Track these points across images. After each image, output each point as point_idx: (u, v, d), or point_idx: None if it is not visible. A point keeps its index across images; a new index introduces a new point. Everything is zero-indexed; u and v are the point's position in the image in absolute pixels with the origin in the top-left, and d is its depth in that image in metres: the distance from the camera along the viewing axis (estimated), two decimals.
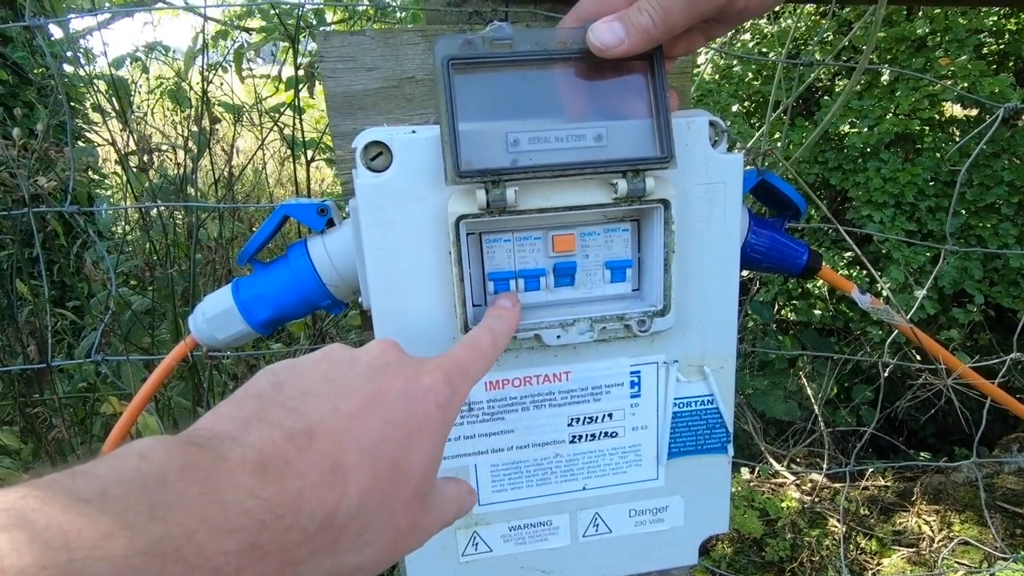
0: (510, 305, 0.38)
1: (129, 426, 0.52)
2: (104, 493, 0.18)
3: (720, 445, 0.46)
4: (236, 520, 0.19)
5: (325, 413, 0.24)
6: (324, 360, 0.28)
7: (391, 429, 0.25)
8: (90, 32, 1.41)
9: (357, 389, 0.26)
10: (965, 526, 1.62)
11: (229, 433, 0.22)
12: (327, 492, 0.22)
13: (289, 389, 0.25)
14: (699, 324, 0.43)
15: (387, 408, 0.26)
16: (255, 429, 0.23)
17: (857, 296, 0.54)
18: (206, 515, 0.19)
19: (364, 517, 0.23)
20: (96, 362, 0.58)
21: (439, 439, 0.27)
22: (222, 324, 0.46)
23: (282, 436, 0.23)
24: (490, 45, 0.36)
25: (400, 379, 0.27)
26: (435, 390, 0.28)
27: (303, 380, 0.26)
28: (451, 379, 0.29)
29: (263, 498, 0.20)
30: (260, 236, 0.46)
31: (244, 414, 0.24)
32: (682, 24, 0.34)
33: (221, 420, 0.23)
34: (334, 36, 0.49)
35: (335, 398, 0.25)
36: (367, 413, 0.25)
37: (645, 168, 0.37)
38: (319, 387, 0.26)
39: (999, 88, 1.85)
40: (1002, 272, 1.96)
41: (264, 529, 0.20)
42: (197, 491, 0.19)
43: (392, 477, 0.25)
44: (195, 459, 0.20)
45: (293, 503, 0.21)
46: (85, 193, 1.48)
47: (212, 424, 0.23)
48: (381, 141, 0.38)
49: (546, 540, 0.46)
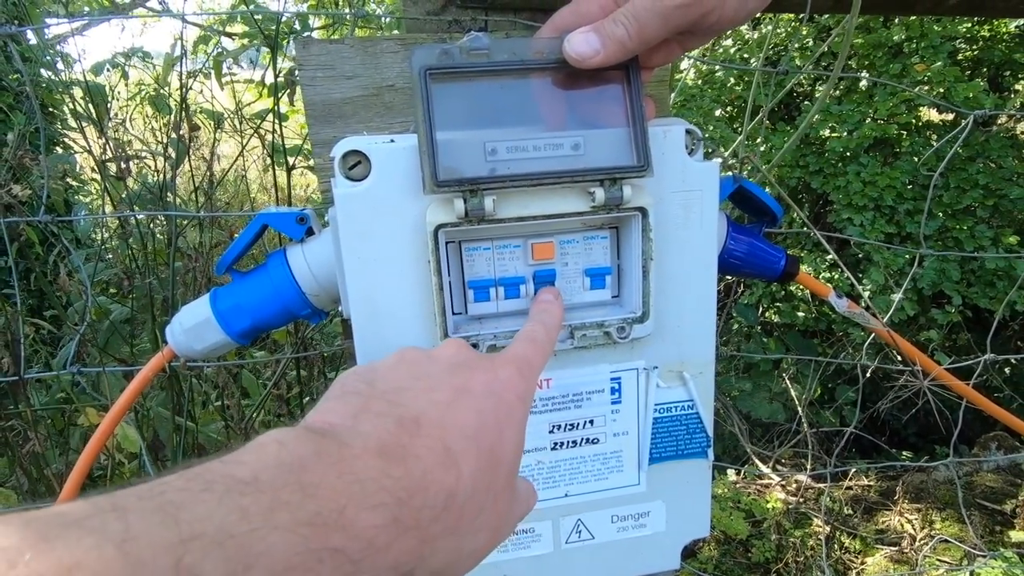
0: (552, 298, 0.38)
1: (106, 438, 0.51)
2: (255, 477, 0.19)
3: (700, 450, 0.46)
4: (377, 496, 0.21)
5: (424, 404, 0.25)
6: (403, 361, 0.29)
7: (484, 418, 0.26)
8: (66, 38, 1.39)
9: (445, 383, 0.27)
10: (946, 524, 1.65)
11: (344, 424, 0.24)
12: (445, 474, 0.23)
13: (382, 385, 0.27)
14: (678, 330, 0.43)
15: (476, 399, 0.27)
16: (365, 419, 0.24)
17: (833, 300, 0.55)
18: (351, 493, 0.20)
19: (476, 500, 0.25)
20: (72, 374, 0.57)
21: (522, 428, 0.28)
22: (200, 335, 0.46)
23: (393, 424, 0.24)
24: (467, 55, 0.36)
25: (480, 373, 0.28)
26: (512, 383, 0.28)
27: (392, 378, 0.27)
28: (523, 372, 0.30)
29: (395, 477, 0.22)
30: (238, 245, 0.45)
31: (351, 408, 0.25)
32: (656, 36, 0.35)
33: (329, 415, 0.24)
34: (313, 44, 0.49)
35: (428, 391, 0.26)
36: (460, 403, 0.26)
37: (622, 176, 0.37)
38: (409, 383, 0.27)
39: (973, 93, 1.89)
40: (979, 274, 2.00)
41: (402, 506, 0.22)
42: (336, 473, 0.21)
43: (492, 463, 0.26)
44: (324, 446, 0.22)
45: (420, 483, 0.22)
46: (62, 200, 1.45)
47: (323, 419, 0.24)
48: (359, 150, 0.38)
49: (529, 548, 0.46)
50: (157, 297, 1.01)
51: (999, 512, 1.65)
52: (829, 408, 2.33)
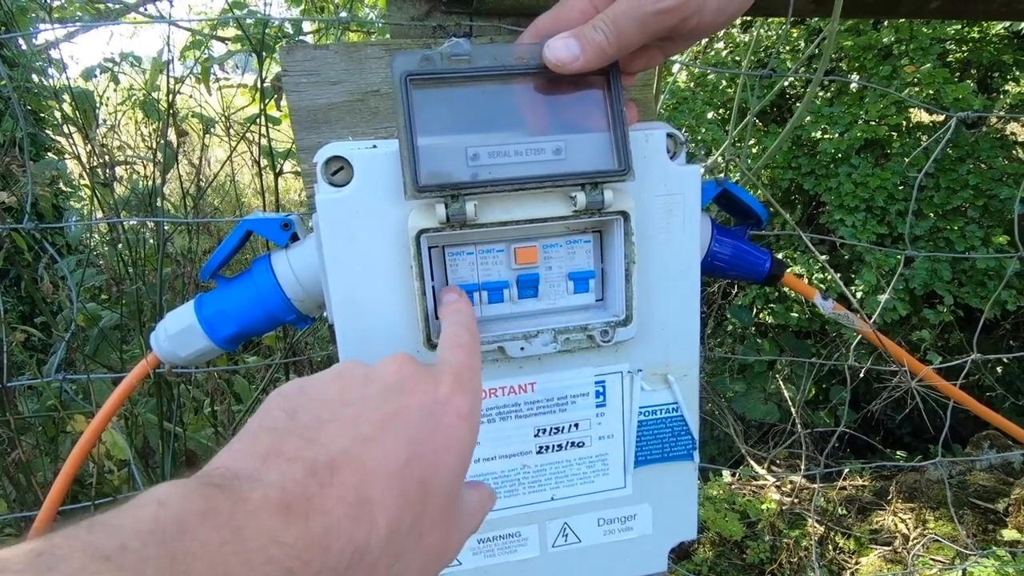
0: (457, 296, 0.37)
1: (91, 445, 0.51)
2: (123, 547, 0.17)
3: (686, 452, 0.46)
4: (262, 570, 0.19)
5: (346, 441, 0.23)
6: (337, 380, 0.27)
7: (416, 448, 0.24)
8: (55, 44, 1.39)
9: (376, 410, 0.25)
10: (939, 523, 1.65)
11: (248, 471, 0.22)
12: (355, 528, 0.21)
13: (304, 416, 0.24)
14: (662, 333, 0.43)
15: (409, 427, 0.25)
16: (274, 465, 0.22)
17: (819, 302, 0.56)
18: (229, 567, 0.18)
19: (395, 546, 0.23)
20: (59, 381, 0.57)
21: (465, 451, 0.27)
22: (184, 341, 0.46)
23: (303, 471, 0.22)
24: (448, 61, 0.36)
25: (418, 395, 0.26)
26: (454, 401, 0.27)
27: (318, 405, 0.25)
28: (464, 384, 0.28)
29: (287, 543, 0.20)
30: (222, 252, 0.45)
31: (261, 449, 0.23)
32: (636, 42, 0.35)
33: (238, 457, 0.23)
34: (297, 50, 0.49)
35: (354, 423, 0.24)
36: (389, 435, 0.24)
37: (603, 181, 0.37)
38: (336, 411, 0.25)
39: (962, 95, 1.91)
40: (970, 273, 2.01)
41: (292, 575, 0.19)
42: (218, 540, 0.18)
43: (420, 499, 0.24)
44: (215, 503, 0.19)
45: (320, 544, 0.20)
46: (50, 206, 1.45)
47: (229, 462, 0.22)
48: (342, 156, 0.38)
49: (515, 552, 0.45)
50: (146, 303, 1.01)
51: (992, 511, 1.66)
52: (823, 408, 2.34)
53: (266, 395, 0.93)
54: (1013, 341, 2.33)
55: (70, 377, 0.55)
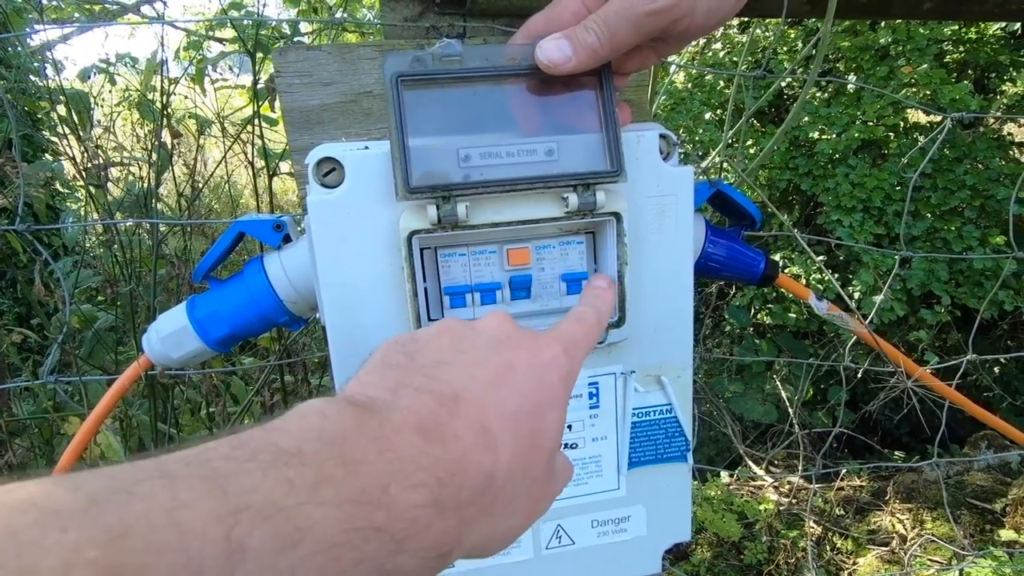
0: (606, 285, 0.37)
1: (83, 447, 0.51)
2: (299, 449, 0.19)
3: (680, 454, 0.46)
4: (418, 476, 0.21)
5: (465, 380, 0.25)
6: (446, 332, 0.28)
7: (524, 400, 0.25)
8: (53, 45, 1.39)
9: (487, 359, 0.26)
10: (937, 523, 1.65)
11: (382, 399, 0.23)
12: (483, 455, 0.23)
13: (422, 358, 0.26)
14: (655, 334, 0.43)
15: (518, 380, 0.26)
16: (404, 394, 0.23)
17: (813, 302, 0.55)
18: (392, 471, 0.20)
19: (513, 483, 0.24)
20: (52, 383, 0.57)
21: (563, 410, 0.28)
22: (176, 343, 0.45)
23: (432, 400, 0.23)
24: (440, 61, 0.36)
25: (524, 352, 0.27)
26: (556, 363, 0.28)
27: (433, 350, 0.26)
28: (568, 351, 0.29)
29: (435, 456, 0.21)
30: (214, 253, 0.45)
31: (389, 382, 0.24)
32: (628, 43, 0.35)
33: (368, 387, 0.24)
34: (290, 51, 0.48)
35: (470, 366, 0.25)
36: (502, 383, 0.25)
37: (595, 182, 0.37)
38: (452, 356, 0.26)
39: (959, 95, 1.91)
40: (967, 274, 2.02)
41: (443, 486, 0.21)
42: (377, 449, 0.20)
43: (531, 446, 0.25)
44: (365, 419, 0.21)
45: (459, 464, 0.22)
46: (44, 207, 1.44)
47: (361, 392, 0.24)
48: (334, 157, 0.38)
49: (509, 554, 0.45)
50: (141, 304, 1.01)
51: (989, 511, 1.66)
52: (821, 409, 2.34)
53: (262, 397, 0.92)
54: (1010, 341, 2.33)
55: (62, 379, 0.55)
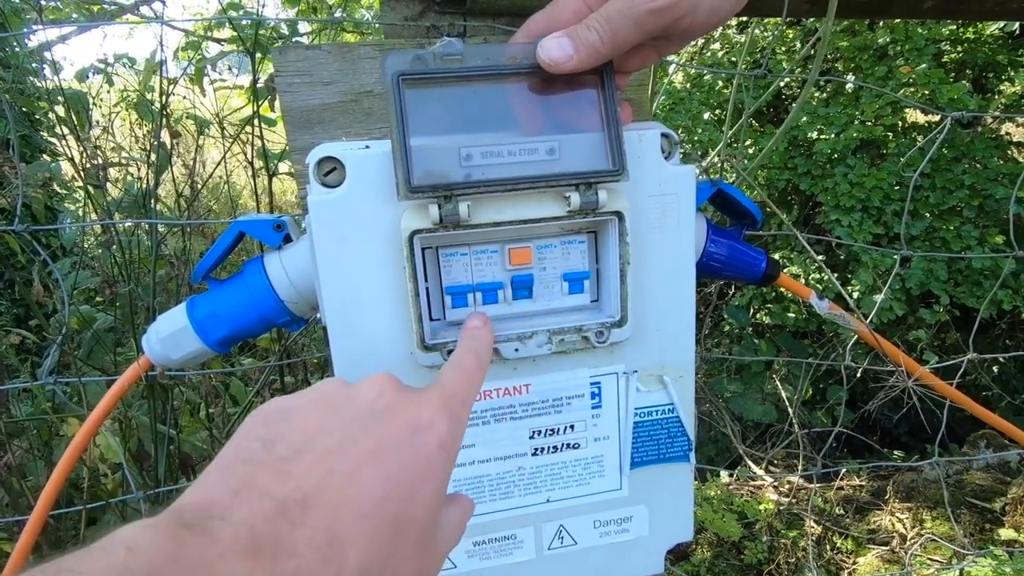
0: (481, 324, 0.37)
1: (82, 449, 0.50)
2: None
3: (682, 453, 0.46)
4: None
5: (320, 476, 0.23)
6: (319, 404, 0.27)
7: (392, 486, 0.24)
8: (51, 45, 1.38)
9: (354, 443, 0.25)
10: (937, 523, 1.66)
11: (219, 507, 0.22)
12: (324, 568, 0.21)
13: (281, 448, 0.24)
14: (657, 334, 0.43)
15: (387, 462, 0.25)
16: (245, 500, 0.22)
17: (815, 302, 0.55)
18: None
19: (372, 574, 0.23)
20: (51, 384, 0.56)
21: (442, 480, 0.27)
22: (176, 344, 0.45)
23: (274, 509, 0.22)
24: (440, 60, 0.36)
25: (399, 425, 0.26)
26: (436, 429, 0.26)
27: (296, 434, 0.25)
28: (451, 411, 0.28)
29: None
30: (214, 253, 0.45)
31: (234, 483, 0.23)
32: (630, 41, 0.35)
33: (211, 490, 0.23)
34: (290, 51, 0.48)
35: (330, 457, 0.24)
36: (365, 472, 0.24)
37: (597, 181, 0.37)
38: (312, 443, 0.24)
39: (957, 95, 1.91)
40: (966, 273, 2.02)
41: None
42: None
43: (394, 534, 0.24)
44: (185, 546, 0.19)
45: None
46: (43, 208, 1.44)
47: (201, 496, 0.22)
48: (334, 157, 0.38)
49: (511, 554, 0.45)
50: (140, 305, 1.00)
51: (989, 510, 1.66)
52: (821, 408, 2.34)
53: (261, 398, 0.92)
54: (1009, 340, 2.33)
55: (62, 380, 0.54)
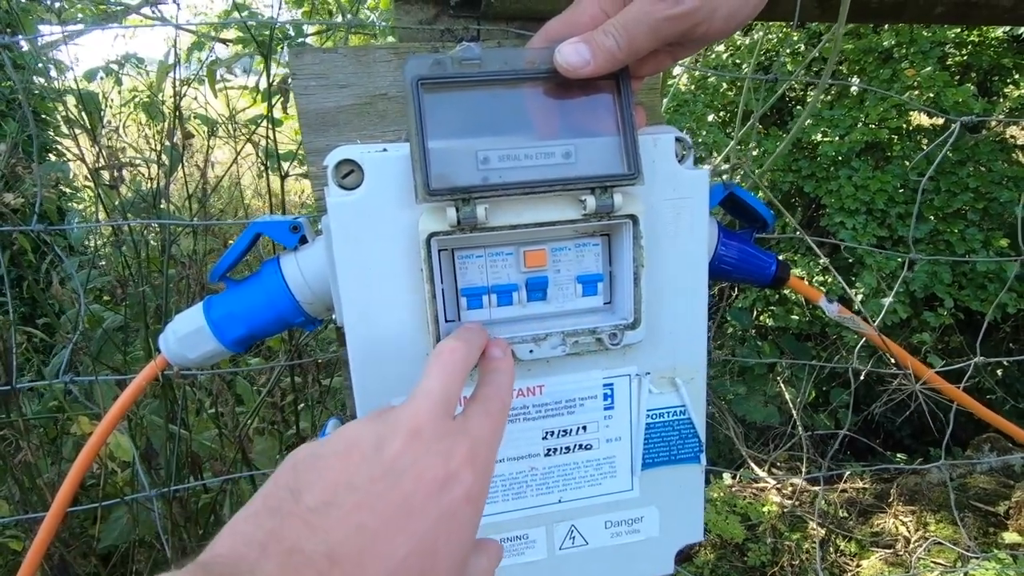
0: (501, 354, 0.36)
1: (98, 447, 0.51)
2: None
3: (693, 455, 0.46)
4: None
5: (348, 532, 0.23)
6: (347, 456, 0.26)
7: (418, 542, 0.24)
8: (59, 46, 1.39)
9: (380, 499, 0.25)
10: (940, 526, 1.66)
11: (248, 561, 0.22)
12: None
13: (309, 499, 0.24)
14: (670, 336, 0.43)
15: (413, 519, 0.25)
16: (274, 555, 0.22)
17: (825, 305, 0.56)
18: None
19: None
20: (64, 383, 0.57)
21: (469, 533, 0.27)
22: (193, 343, 0.46)
23: (301, 563, 0.22)
24: (459, 65, 0.36)
25: (426, 481, 0.26)
26: (463, 482, 0.27)
27: (324, 484, 0.25)
28: (477, 462, 0.28)
29: None
30: (232, 254, 0.45)
31: (262, 536, 0.23)
32: (646, 47, 0.35)
33: (239, 543, 0.23)
34: (306, 53, 0.49)
35: (357, 512, 0.24)
36: (392, 528, 0.24)
37: (613, 185, 0.38)
38: (342, 496, 0.25)
39: (962, 98, 1.91)
40: (970, 276, 2.02)
41: None
42: None
43: None
44: None
45: None
46: (54, 208, 1.45)
47: (230, 548, 0.23)
48: (352, 159, 0.38)
49: (523, 554, 0.46)
50: (151, 305, 1.01)
51: (992, 513, 1.66)
52: (824, 411, 2.34)
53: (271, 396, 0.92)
54: (1013, 344, 2.33)
55: (76, 379, 0.55)
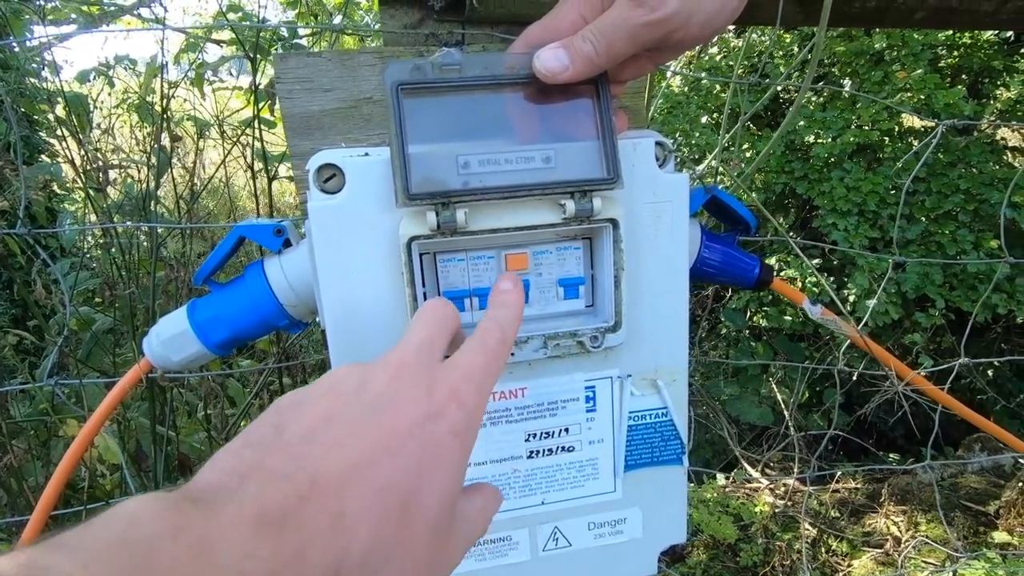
0: (511, 286, 0.34)
1: (83, 450, 0.51)
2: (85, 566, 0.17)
3: (675, 456, 0.47)
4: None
5: (329, 459, 0.23)
6: (330, 393, 0.26)
7: (400, 473, 0.24)
8: (50, 47, 1.39)
9: (364, 431, 0.24)
10: (931, 525, 1.66)
11: (227, 486, 0.22)
12: (332, 540, 0.21)
13: (290, 434, 0.24)
14: (651, 339, 0.44)
15: (396, 451, 0.24)
16: (255, 479, 0.22)
17: (807, 307, 0.56)
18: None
19: (378, 555, 0.23)
20: (52, 386, 0.57)
21: (456, 469, 0.26)
22: (177, 346, 0.46)
23: (284, 483, 0.22)
24: (439, 70, 0.36)
25: (410, 415, 0.25)
26: (448, 417, 0.26)
27: (306, 419, 0.25)
28: (465, 398, 0.27)
29: (261, 557, 0.19)
30: (215, 257, 0.46)
31: (242, 466, 0.23)
32: (624, 52, 0.35)
33: (219, 472, 0.23)
34: (290, 57, 0.49)
35: (340, 442, 0.24)
36: (373, 457, 0.24)
37: (592, 189, 0.38)
38: (323, 429, 0.24)
39: (952, 100, 1.93)
40: (961, 277, 2.03)
41: None
42: (189, 555, 0.18)
43: (402, 520, 0.24)
44: (189, 519, 0.19)
45: (295, 558, 0.20)
46: (43, 210, 1.44)
47: (210, 477, 0.22)
48: (334, 163, 0.39)
49: (506, 556, 0.46)
50: (139, 307, 1.01)
51: (983, 513, 1.67)
52: (817, 411, 2.35)
53: (259, 399, 0.93)
54: (1004, 344, 2.35)
55: (63, 382, 0.55)
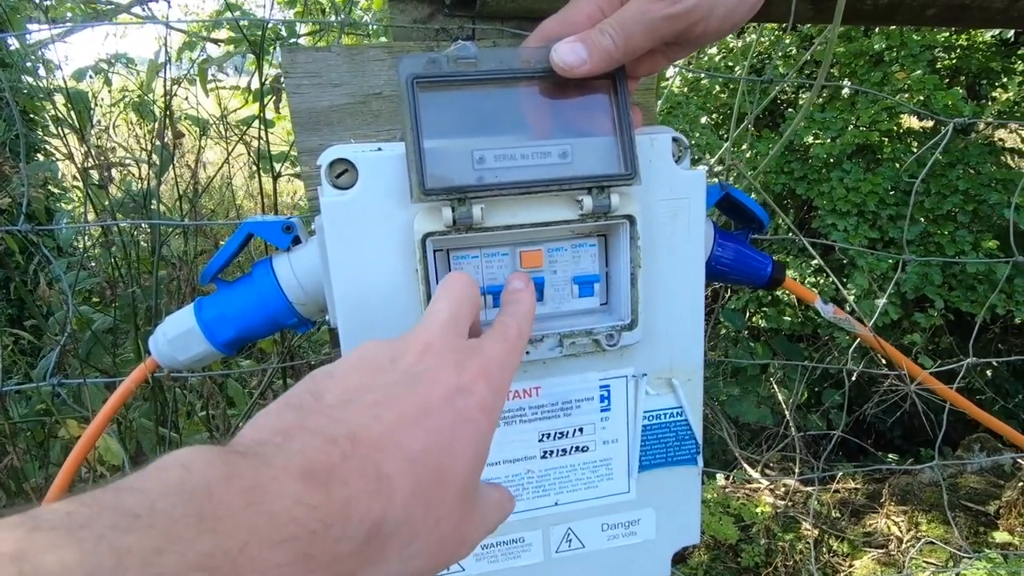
0: (522, 285, 0.35)
1: (87, 450, 0.50)
2: (151, 507, 0.17)
3: (690, 456, 0.46)
4: (286, 530, 0.19)
5: (367, 420, 0.24)
6: (362, 366, 0.27)
7: (434, 438, 0.25)
8: (48, 44, 1.38)
9: (398, 397, 0.25)
10: (932, 526, 1.67)
11: (272, 441, 0.22)
12: (373, 500, 0.22)
13: (329, 398, 0.25)
14: (666, 337, 0.43)
15: (431, 417, 0.25)
16: (297, 436, 0.22)
17: (820, 306, 0.56)
18: (255, 525, 0.19)
19: (411, 526, 0.23)
20: (52, 385, 0.56)
21: (483, 444, 0.27)
22: (184, 345, 0.45)
23: (325, 442, 0.22)
24: (454, 64, 0.36)
25: (441, 385, 0.26)
26: (477, 394, 0.27)
27: (343, 387, 0.26)
28: (492, 379, 0.28)
29: (311, 505, 0.20)
30: (223, 255, 0.45)
31: (285, 424, 0.23)
32: (643, 47, 0.35)
33: (261, 431, 0.23)
34: (299, 52, 0.48)
35: (376, 406, 0.25)
36: (409, 422, 0.25)
37: (610, 185, 0.37)
38: (358, 395, 0.25)
39: (951, 101, 1.93)
40: (960, 277, 2.03)
41: (315, 539, 0.20)
42: (243, 501, 0.19)
43: (436, 485, 0.24)
44: (238, 468, 0.20)
45: (341, 511, 0.21)
46: (43, 208, 1.43)
47: (254, 435, 0.23)
48: (346, 159, 0.38)
49: (519, 557, 0.45)
50: (141, 306, 1.00)
51: (983, 513, 1.68)
52: (816, 412, 2.35)
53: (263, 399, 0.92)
54: (1002, 344, 2.35)
55: (66, 382, 0.54)
